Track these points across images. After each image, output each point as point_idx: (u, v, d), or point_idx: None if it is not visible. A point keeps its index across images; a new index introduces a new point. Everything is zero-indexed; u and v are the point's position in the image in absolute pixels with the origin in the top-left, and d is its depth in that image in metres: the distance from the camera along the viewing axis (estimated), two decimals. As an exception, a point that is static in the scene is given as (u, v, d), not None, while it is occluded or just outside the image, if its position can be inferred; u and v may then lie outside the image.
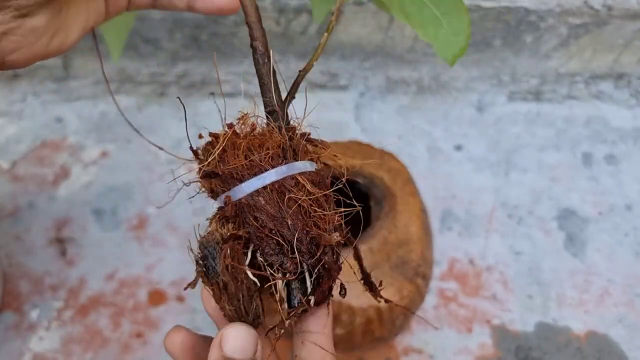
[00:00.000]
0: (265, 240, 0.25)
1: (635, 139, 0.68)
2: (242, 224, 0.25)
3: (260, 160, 0.26)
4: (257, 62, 0.28)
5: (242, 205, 0.25)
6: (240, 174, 0.26)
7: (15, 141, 0.66)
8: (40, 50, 0.28)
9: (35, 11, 0.26)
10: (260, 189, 0.25)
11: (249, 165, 0.26)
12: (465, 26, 0.33)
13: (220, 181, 0.26)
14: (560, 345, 0.52)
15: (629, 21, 0.63)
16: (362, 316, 0.43)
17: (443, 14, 0.33)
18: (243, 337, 0.24)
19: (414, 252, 0.44)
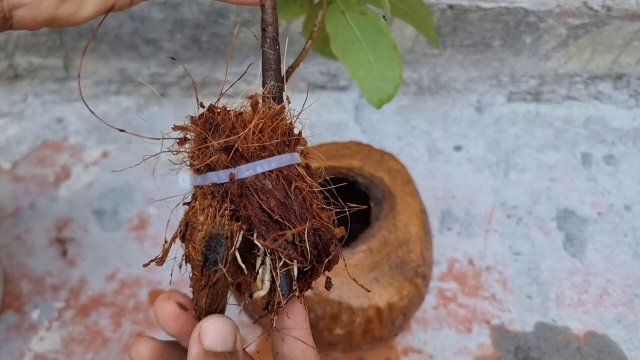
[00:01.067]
0: (270, 226, 0.24)
1: (634, 139, 0.68)
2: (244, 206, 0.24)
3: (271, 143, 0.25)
4: (266, 47, 0.28)
5: (246, 185, 0.24)
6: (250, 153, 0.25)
7: (16, 141, 0.66)
8: (49, 10, 0.27)
9: None
10: (267, 172, 0.25)
11: (260, 147, 0.25)
12: (395, 77, 0.34)
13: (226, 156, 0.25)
14: (560, 345, 0.52)
15: (628, 22, 0.63)
16: (362, 316, 0.43)
17: (376, 60, 0.34)
18: (222, 328, 0.24)
19: (413, 252, 0.45)
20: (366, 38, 0.35)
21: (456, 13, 0.62)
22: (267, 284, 0.25)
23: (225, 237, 0.24)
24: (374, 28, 0.35)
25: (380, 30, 0.34)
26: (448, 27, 0.64)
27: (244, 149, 0.25)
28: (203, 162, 0.25)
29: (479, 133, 0.68)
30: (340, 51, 0.35)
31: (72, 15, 0.29)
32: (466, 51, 0.67)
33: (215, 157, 0.25)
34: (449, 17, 0.63)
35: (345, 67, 0.35)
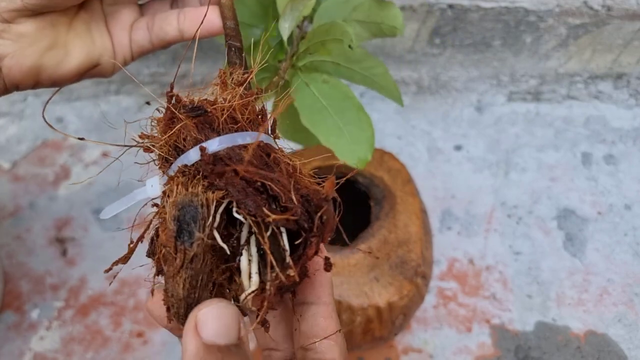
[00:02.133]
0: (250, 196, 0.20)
1: (634, 139, 0.68)
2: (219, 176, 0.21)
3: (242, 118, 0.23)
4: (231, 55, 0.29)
5: (219, 157, 0.22)
6: (220, 125, 0.22)
7: (16, 141, 0.66)
8: (33, 57, 0.28)
9: (19, 19, 0.28)
10: (241, 145, 0.22)
11: (230, 119, 0.23)
12: (368, 136, 0.35)
13: (196, 129, 0.22)
14: (560, 345, 0.52)
15: (628, 21, 0.63)
16: (362, 316, 0.43)
17: (345, 125, 0.35)
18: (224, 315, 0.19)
19: (413, 251, 0.45)
20: (332, 105, 0.35)
21: (456, 13, 0.62)
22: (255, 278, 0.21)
23: (201, 205, 0.20)
24: (338, 94, 0.36)
25: (345, 94, 0.35)
26: (448, 26, 0.64)
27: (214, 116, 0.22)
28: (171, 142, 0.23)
29: (479, 133, 0.68)
30: (310, 122, 0.35)
31: (58, 65, 0.30)
32: (466, 51, 0.67)
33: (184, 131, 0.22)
34: (449, 17, 0.63)
35: (318, 136, 0.35)
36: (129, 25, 0.33)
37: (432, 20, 0.63)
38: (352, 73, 0.37)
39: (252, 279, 0.21)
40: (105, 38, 0.32)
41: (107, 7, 0.33)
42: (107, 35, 0.32)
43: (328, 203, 0.22)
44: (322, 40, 0.35)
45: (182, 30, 0.33)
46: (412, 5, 0.61)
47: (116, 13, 0.33)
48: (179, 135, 0.23)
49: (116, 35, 0.33)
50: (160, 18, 0.33)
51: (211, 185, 0.21)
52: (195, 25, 0.32)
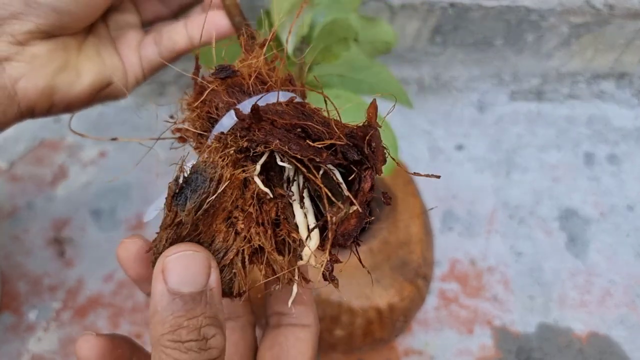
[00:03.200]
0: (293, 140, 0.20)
1: (637, 138, 0.67)
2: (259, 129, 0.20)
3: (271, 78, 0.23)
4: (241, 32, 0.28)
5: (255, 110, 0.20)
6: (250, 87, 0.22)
7: (14, 141, 0.66)
8: (47, 77, 0.29)
9: (32, 41, 0.28)
10: (276, 103, 0.21)
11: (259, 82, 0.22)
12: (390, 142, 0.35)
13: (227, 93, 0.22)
14: (562, 346, 0.52)
15: (630, 20, 0.63)
16: (362, 317, 0.42)
17: None
18: (192, 263, 0.19)
19: (414, 252, 0.44)
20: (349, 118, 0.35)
21: (457, 11, 0.62)
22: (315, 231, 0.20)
23: (210, 179, 0.19)
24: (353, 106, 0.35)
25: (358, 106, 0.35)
26: (449, 25, 0.64)
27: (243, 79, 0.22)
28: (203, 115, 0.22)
29: (480, 132, 0.68)
30: None
31: (70, 86, 0.30)
32: (468, 50, 0.67)
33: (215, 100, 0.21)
34: (451, 16, 0.62)
35: None
36: (136, 45, 0.34)
37: (433, 19, 0.63)
38: (359, 83, 0.37)
39: (312, 231, 0.20)
40: (115, 59, 0.33)
41: (113, 32, 0.34)
42: (116, 56, 0.33)
43: (374, 129, 0.21)
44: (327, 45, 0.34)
45: (191, 37, 0.33)
46: (413, 3, 0.61)
47: (123, 36, 0.34)
48: (210, 106, 0.22)
49: (125, 56, 0.33)
50: (168, 30, 0.34)
51: (251, 142, 0.20)
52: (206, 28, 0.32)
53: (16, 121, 0.30)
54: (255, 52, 0.24)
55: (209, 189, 0.19)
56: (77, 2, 0.28)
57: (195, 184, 0.19)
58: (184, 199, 0.19)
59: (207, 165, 0.20)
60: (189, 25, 0.33)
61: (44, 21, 0.28)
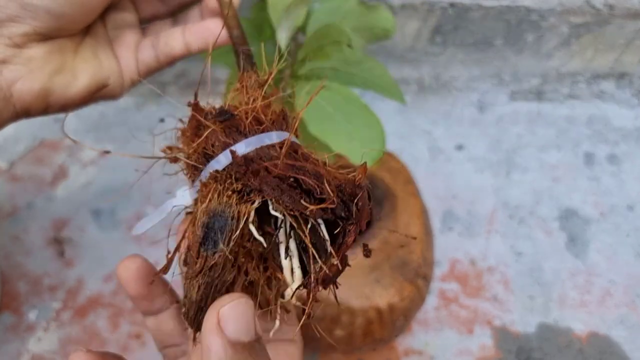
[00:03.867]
0: (286, 192, 0.21)
1: (637, 138, 0.67)
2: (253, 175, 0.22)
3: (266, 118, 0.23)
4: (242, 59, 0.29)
5: (250, 158, 0.22)
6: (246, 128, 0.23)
7: (14, 141, 0.66)
8: (43, 79, 0.29)
9: (29, 43, 0.29)
10: (269, 145, 0.23)
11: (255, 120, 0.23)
12: (378, 134, 0.35)
13: (224, 133, 0.23)
14: (562, 346, 0.52)
15: (630, 20, 0.63)
16: (362, 317, 0.42)
17: (354, 128, 0.35)
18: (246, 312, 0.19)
19: (414, 252, 0.44)
20: (338, 109, 0.35)
21: (457, 11, 0.62)
22: (298, 272, 0.21)
23: (232, 218, 0.21)
24: (342, 97, 0.36)
25: (348, 97, 0.35)
26: (449, 25, 0.64)
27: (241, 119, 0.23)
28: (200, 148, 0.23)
29: (480, 132, 0.68)
30: (319, 130, 0.35)
31: (66, 88, 0.30)
32: (467, 50, 0.67)
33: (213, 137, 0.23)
34: (450, 16, 0.62)
35: (328, 144, 0.35)
36: (134, 46, 0.34)
37: (433, 19, 0.63)
38: (352, 77, 0.37)
39: (294, 273, 0.21)
40: (112, 60, 0.33)
41: (111, 32, 0.34)
42: (113, 58, 0.33)
43: (362, 190, 0.22)
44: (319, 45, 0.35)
45: (188, 44, 0.34)
46: (413, 3, 0.61)
47: (120, 36, 0.34)
48: (207, 142, 0.23)
49: (123, 57, 0.33)
50: (165, 35, 0.34)
51: (245, 186, 0.22)
52: (200, 37, 0.33)
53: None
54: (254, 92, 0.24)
55: (233, 226, 0.21)
56: (72, 5, 0.28)
57: (220, 225, 0.21)
58: (212, 242, 0.20)
59: (224, 205, 0.21)
60: (187, 32, 0.33)
61: (41, 24, 0.28)
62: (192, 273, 0.21)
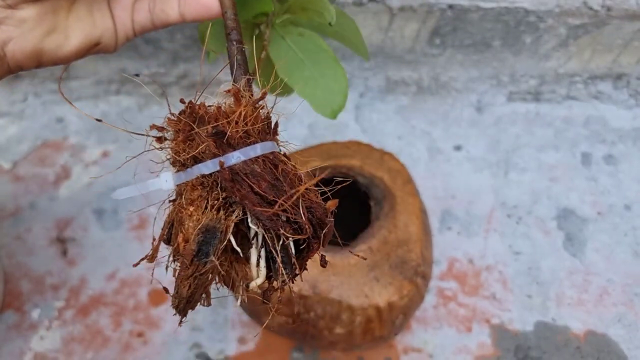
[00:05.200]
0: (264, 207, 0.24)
1: (634, 139, 0.68)
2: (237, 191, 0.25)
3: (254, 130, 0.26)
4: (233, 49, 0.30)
5: (235, 171, 0.25)
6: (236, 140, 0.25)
7: (16, 141, 0.66)
8: (34, 40, 0.30)
9: (21, 4, 0.29)
10: (254, 158, 0.25)
11: (244, 134, 0.26)
12: (342, 87, 0.36)
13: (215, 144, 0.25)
14: (560, 345, 0.52)
15: (627, 22, 0.63)
16: (362, 315, 0.43)
17: (321, 76, 0.37)
18: None
19: (413, 251, 0.45)
20: (308, 57, 0.37)
21: (456, 13, 0.62)
22: (263, 271, 0.25)
23: (221, 231, 0.24)
24: (314, 46, 0.37)
25: (320, 47, 0.37)
26: (448, 27, 0.64)
27: (232, 134, 0.25)
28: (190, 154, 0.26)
29: (479, 133, 0.68)
30: (286, 73, 0.36)
31: (58, 48, 0.31)
32: (466, 51, 0.67)
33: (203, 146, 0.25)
34: (449, 17, 0.63)
35: (293, 87, 0.36)
36: (130, 6, 0.34)
37: (432, 20, 0.63)
38: (325, 27, 0.39)
39: (260, 271, 0.25)
40: (107, 18, 0.33)
41: None
42: (109, 16, 0.33)
43: (330, 219, 0.26)
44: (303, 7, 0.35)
45: (183, 14, 0.34)
46: (412, 5, 0.61)
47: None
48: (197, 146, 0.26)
49: (118, 16, 0.34)
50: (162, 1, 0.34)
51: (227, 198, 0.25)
52: (195, 9, 0.33)
53: (6, 76, 0.31)
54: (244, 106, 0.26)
55: (222, 238, 0.24)
56: None
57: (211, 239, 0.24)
58: (204, 254, 0.24)
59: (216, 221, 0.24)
60: (182, 2, 0.33)
61: None
62: (185, 276, 0.24)
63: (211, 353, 0.51)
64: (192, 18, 0.33)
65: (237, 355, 0.51)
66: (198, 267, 0.24)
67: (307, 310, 0.43)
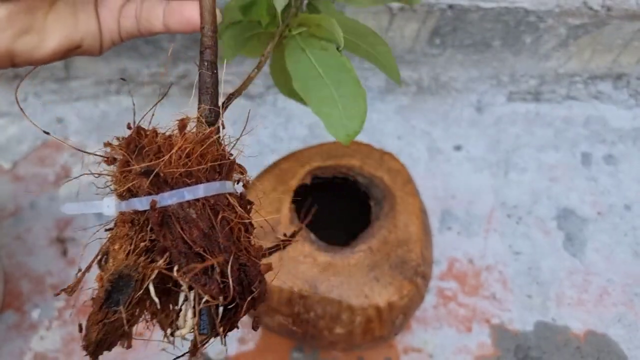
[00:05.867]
0: (191, 258, 0.22)
1: (634, 139, 0.68)
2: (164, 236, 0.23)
3: (198, 170, 0.23)
4: (204, 69, 0.28)
5: (169, 213, 0.23)
6: (174, 179, 0.23)
7: (17, 141, 0.66)
8: (5, 42, 0.28)
9: None
10: (192, 201, 0.23)
11: (186, 173, 0.23)
12: (361, 112, 0.34)
13: (150, 182, 0.23)
14: (560, 345, 0.52)
15: (627, 22, 0.63)
16: (362, 315, 0.43)
17: (340, 96, 0.34)
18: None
19: (413, 251, 0.45)
20: (329, 74, 0.34)
21: (456, 13, 0.62)
22: (189, 322, 0.23)
23: (136, 280, 0.22)
24: (336, 64, 0.34)
25: (343, 65, 0.34)
26: (448, 27, 0.64)
27: (166, 174, 0.23)
28: (124, 187, 0.24)
29: (479, 133, 0.68)
30: (303, 88, 0.34)
31: (33, 50, 0.29)
32: (466, 51, 0.67)
33: (137, 182, 0.24)
34: (449, 17, 0.63)
35: (309, 104, 0.34)
36: (117, 9, 0.33)
37: (432, 20, 0.63)
38: (356, 46, 0.36)
39: (187, 322, 0.23)
40: (92, 21, 0.32)
41: None
42: (94, 18, 0.32)
43: (262, 283, 0.24)
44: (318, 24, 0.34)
45: (167, 25, 0.32)
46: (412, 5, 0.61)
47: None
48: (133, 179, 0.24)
49: (105, 19, 0.32)
50: (148, 8, 0.33)
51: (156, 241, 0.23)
52: (178, 20, 0.32)
53: None
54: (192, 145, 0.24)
55: (135, 287, 0.22)
56: None
57: (124, 286, 0.22)
58: (114, 302, 0.22)
59: (131, 269, 0.22)
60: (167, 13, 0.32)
61: None
62: (94, 320, 0.22)
63: (211, 353, 0.51)
64: (176, 30, 0.32)
65: (237, 355, 0.51)
66: (107, 314, 0.22)
67: (307, 310, 0.43)
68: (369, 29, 0.36)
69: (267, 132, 0.66)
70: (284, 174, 0.47)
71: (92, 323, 0.23)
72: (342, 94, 0.34)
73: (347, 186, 0.49)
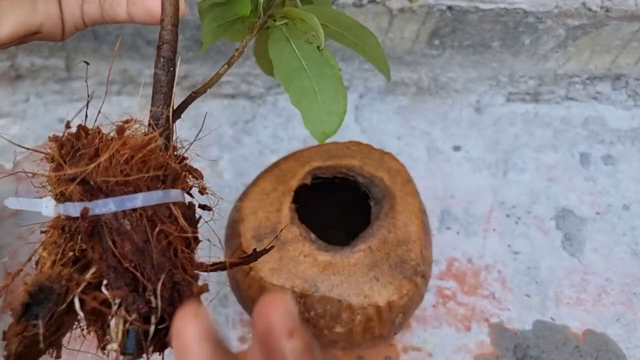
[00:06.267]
0: (120, 274, 0.21)
1: (632, 139, 0.68)
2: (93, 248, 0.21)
3: (138, 178, 0.22)
4: (159, 66, 0.26)
5: (101, 223, 0.21)
6: (110, 186, 0.22)
7: (18, 141, 0.66)
8: None
9: None
10: (129, 211, 0.21)
11: (123, 181, 0.22)
12: (340, 110, 0.33)
13: (83, 189, 0.22)
14: (558, 344, 0.52)
15: (626, 22, 0.64)
16: (362, 314, 0.43)
17: (321, 91, 0.33)
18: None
19: (413, 251, 0.45)
20: (311, 67, 0.33)
21: (455, 14, 0.63)
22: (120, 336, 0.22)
23: (58, 294, 0.21)
24: (320, 58, 0.33)
25: (327, 61, 0.33)
26: (447, 28, 0.64)
27: (99, 182, 0.22)
28: (57, 191, 0.23)
29: (478, 133, 0.69)
30: (284, 78, 0.33)
31: None
32: (465, 52, 0.67)
33: (69, 187, 0.22)
34: (448, 18, 0.63)
35: (288, 95, 0.33)
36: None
37: (432, 21, 0.63)
38: (343, 37, 0.35)
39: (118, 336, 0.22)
40: (53, 6, 0.30)
41: None
42: (54, 3, 0.31)
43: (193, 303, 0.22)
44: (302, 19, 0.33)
45: (131, 15, 0.31)
46: (412, 6, 0.62)
47: None
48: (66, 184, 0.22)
49: (66, 4, 0.31)
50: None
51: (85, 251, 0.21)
52: (141, 11, 0.30)
53: None
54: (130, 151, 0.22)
55: (57, 301, 0.21)
56: None
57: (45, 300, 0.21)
58: (33, 315, 0.21)
59: (54, 281, 0.21)
60: (130, 2, 0.31)
61: None
62: (14, 332, 0.21)
63: (212, 352, 0.51)
64: (140, 20, 0.31)
65: (237, 354, 0.51)
66: (26, 327, 0.21)
67: (307, 309, 0.43)
68: (355, 22, 0.34)
69: (267, 132, 0.66)
70: (284, 174, 0.48)
71: (11, 334, 0.21)
72: (322, 89, 0.33)
73: (347, 186, 0.49)
